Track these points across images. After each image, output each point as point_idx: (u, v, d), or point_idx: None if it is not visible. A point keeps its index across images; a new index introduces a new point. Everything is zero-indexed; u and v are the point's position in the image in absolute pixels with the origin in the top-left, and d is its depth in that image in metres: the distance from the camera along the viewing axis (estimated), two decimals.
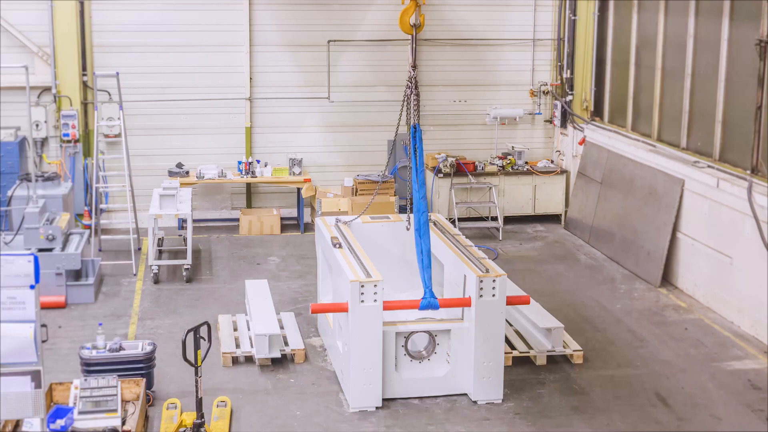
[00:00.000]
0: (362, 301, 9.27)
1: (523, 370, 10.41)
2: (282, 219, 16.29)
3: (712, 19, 12.77)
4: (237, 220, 16.25)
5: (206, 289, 13.07)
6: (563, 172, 16.77)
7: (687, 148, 13.49)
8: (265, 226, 15.92)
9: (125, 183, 14.31)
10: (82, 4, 15.46)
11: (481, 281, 9.44)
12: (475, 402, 9.63)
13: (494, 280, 9.46)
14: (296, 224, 16.45)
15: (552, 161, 17.17)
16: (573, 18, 16.71)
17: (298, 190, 16.17)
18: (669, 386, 10.09)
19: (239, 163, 15.96)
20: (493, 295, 9.49)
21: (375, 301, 9.28)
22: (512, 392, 9.86)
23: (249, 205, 16.67)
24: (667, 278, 13.31)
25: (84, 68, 15.57)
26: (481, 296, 9.46)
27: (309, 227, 16.22)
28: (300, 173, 15.96)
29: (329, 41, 16.35)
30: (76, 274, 12.64)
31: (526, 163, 16.88)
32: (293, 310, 12.08)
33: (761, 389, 10.03)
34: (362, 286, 9.26)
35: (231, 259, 14.50)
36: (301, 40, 16.33)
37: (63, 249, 12.48)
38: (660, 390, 9.99)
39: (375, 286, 9.27)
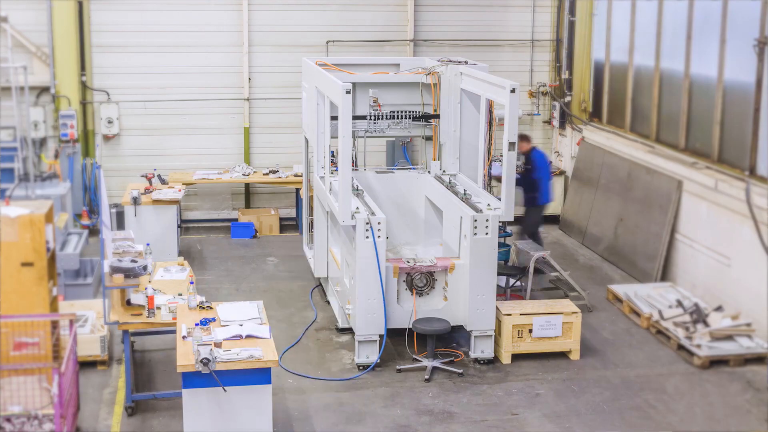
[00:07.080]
0: (367, 237, 10.18)
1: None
2: (281, 219, 16.29)
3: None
4: (236, 220, 16.25)
5: (205, 289, 13.07)
6: (561, 173, 16.77)
7: (685, 149, 13.49)
8: (264, 227, 15.92)
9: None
10: (80, 4, 15.46)
11: (475, 220, 10.31)
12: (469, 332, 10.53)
13: (487, 219, 10.35)
14: (295, 225, 16.46)
15: (550, 162, 17.15)
16: (571, 19, 16.72)
17: (297, 190, 16.16)
18: (667, 387, 10.11)
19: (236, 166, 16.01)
20: (486, 234, 10.30)
21: (378, 237, 10.23)
22: None
23: (248, 206, 16.67)
24: (665, 279, 13.31)
25: (83, 68, 15.57)
26: (475, 234, 10.28)
27: None
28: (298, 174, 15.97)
29: (328, 42, 16.35)
30: (75, 274, 12.63)
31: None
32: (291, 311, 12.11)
33: (760, 390, 10.05)
34: (367, 223, 10.19)
35: (229, 259, 14.51)
36: (300, 41, 16.32)
37: (62, 249, 12.47)
38: (658, 391, 10.01)
39: (379, 223, 10.25)
